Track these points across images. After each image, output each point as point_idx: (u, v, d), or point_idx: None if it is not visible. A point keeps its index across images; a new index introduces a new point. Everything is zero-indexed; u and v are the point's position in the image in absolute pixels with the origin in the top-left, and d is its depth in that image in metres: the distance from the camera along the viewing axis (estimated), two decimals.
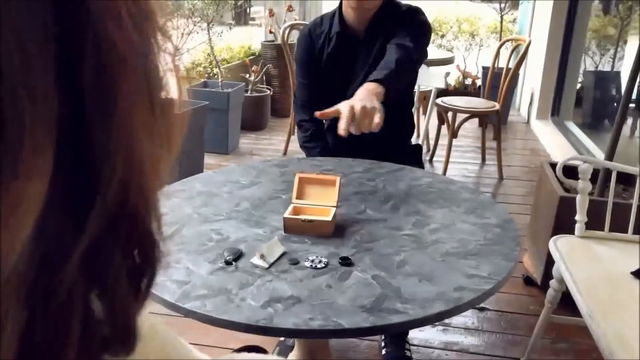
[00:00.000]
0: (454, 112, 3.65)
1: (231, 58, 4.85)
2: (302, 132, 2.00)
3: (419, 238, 1.20)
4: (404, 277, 1.05)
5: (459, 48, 5.76)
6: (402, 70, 1.68)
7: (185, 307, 0.95)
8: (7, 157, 0.18)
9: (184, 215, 1.30)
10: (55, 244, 0.21)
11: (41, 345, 0.21)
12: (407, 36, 1.78)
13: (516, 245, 1.18)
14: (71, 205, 0.21)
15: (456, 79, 5.70)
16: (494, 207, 1.37)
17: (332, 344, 2.04)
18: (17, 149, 0.18)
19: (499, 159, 3.73)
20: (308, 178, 1.30)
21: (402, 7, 1.93)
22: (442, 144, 3.96)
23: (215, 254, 1.12)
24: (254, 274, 1.05)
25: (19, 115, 0.18)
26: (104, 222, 0.22)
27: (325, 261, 1.09)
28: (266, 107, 4.64)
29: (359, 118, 1.33)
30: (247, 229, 1.23)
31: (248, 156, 4.05)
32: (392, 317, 0.93)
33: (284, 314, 0.93)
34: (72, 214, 0.21)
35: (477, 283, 1.03)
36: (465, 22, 5.86)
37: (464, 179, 3.75)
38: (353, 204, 1.38)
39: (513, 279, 2.53)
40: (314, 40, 1.97)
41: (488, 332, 2.17)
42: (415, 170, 1.65)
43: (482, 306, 2.32)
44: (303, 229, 1.20)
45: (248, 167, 1.63)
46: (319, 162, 1.70)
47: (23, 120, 0.18)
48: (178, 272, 1.05)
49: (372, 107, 1.36)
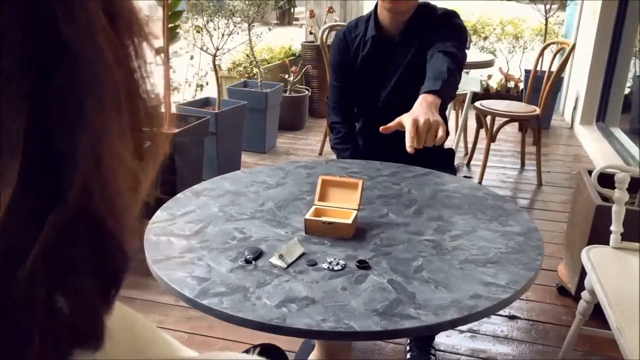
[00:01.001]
0: (492, 115, 3.59)
1: (271, 58, 4.91)
2: (333, 134, 2.02)
3: (439, 244, 1.20)
4: (420, 283, 1.05)
5: (502, 50, 5.66)
6: (453, 79, 1.68)
7: (202, 304, 0.98)
8: None
9: (210, 213, 1.34)
10: (15, 242, 0.23)
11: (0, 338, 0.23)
12: (449, 41, 1.77)
13: (538, 254, 1.16)
14: (33, 206, 0.23)
15: (498, 81, 5.60)
16: (519, 215, 1.35)
17: (357, 346, 2.05)
18: None
19: (538, 164, 3.65)
20: (331, 180, 1.31)
21: (437, 11, 1.91)
22: (480, 148, 3.90)
23: (236, 252, 1.15)
24: (272, 274, 1.07)
25: None
26: (63, 224, 0.24)
27: (342, 263, 1.10)
28: (304, 108, 4.68)
29: (422, 132, 1.33)
30: (270, 229, 1.26)
31: (284, 155, 4.09)
32: (404, 322, 0.93)
33: (297, 315, 0.94)
34: (33, 215, 0.23)
35: (493, 292, 1.02)
36: (509, 25, 5.75)
37: (501, 184, 3.68)
38: (376, 207, 1.38)
39: (547, 288, 2.48)
40: (349, 44, 1.98)
41: (517, 341, 2.13)
42: (443, 175, 1.64)
43: (513, 314, 2.28)
44: (323, 230, 1.21)
45: (276, 168, 1.66)
46: (347, 164, 1.71)
47: None
48: (199, 269, 1.08)
49: (434, 121, 1.36)
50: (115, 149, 0.27)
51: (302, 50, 5.10)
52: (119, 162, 0.27)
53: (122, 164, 0.28)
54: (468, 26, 5.66)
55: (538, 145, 3.65)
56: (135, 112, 0.30)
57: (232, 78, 4.39)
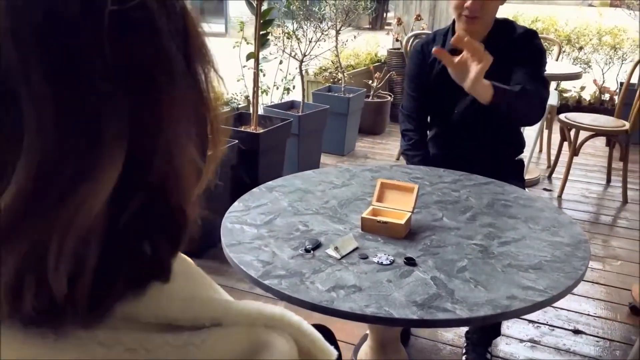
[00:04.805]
0: (576, 129, 3.51)
1: (357, 64, 5.05)
2: (405, 140, 2.12)
3: (486, 248, 1.28)
4: (461, 282, 1.14)
5: (597, 62, 5.44)
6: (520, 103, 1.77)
7: (264, 283, 1.13)
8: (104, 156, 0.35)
9: (280, 207, 1.49)
10: (116, 206, 0.38)
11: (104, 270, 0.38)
12: (529, 69, 1.83)
13: (582, 265, 1.21)
14: (129, 186, 0.38)
15: (592, 93, 5.39)
16: (571, 227, 1.39)
17: (415, 345, 2.14)
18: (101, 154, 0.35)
19: (624, 181, 3.52)
20: (389, 184, 1.43)
21: (517, 30, 1.95)
22: (563, 161, 3.82)
23: (298, 242, 1.30)
24: (327, 263, 1.21)
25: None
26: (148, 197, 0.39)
27: (391, 259, 1.22)
28: (385, 113, 4.78)
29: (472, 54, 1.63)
30: (330, 224, 1.39)
31: (362, 159, 4.22)
32: (438, 314, 1.03)
33: (344, 299, 1.07)
34: (129, 191, 0.38)
35: (530, 295, 1.10)
36: (607, 34, 5.51)
37: (582, 199, 3.59)
38: (431, 211, 1.48)
39: (619, 307, 2.43)
40: (426, 56, 2.06)
41: (580, 355, 2.12)
42: (504, 185, 1.70)
43: (578, 329, 2.26)
44: (378, 229, 1.33)
45: (343, 170, 1.79)
46: (410, 170, 1.81)
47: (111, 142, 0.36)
48: (265, 254, 1.24)
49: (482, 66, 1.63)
50: (184, 150, 0.41)
51: (387, 57, 5.20)
52: (187, 159, 0.42)
53: (189, 161, 0.42)
54: (561, 36, 5.51)
55: (625, 161, 3.52)
56: (202, 122, 0.44)
57: (317, 82, 4.58)
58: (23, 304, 0.36)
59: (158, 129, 0.39)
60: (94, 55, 0.35)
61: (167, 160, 0.40)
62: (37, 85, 0.33)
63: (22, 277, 0.35)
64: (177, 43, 0.40)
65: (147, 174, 0.39)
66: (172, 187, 0.41)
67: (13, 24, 0.33)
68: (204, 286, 0.48)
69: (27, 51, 0.33)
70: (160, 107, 0.39)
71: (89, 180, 0.35)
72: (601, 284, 2.62)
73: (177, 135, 0.40)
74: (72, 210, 0.35)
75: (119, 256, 0.39)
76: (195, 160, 0.43)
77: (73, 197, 0.35)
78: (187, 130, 0.42)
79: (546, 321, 2.32)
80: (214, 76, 0.44)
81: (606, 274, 2.70)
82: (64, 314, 0.37)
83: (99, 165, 0.36)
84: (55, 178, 0.35)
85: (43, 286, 0.36)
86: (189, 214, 0.43)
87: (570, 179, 3.65)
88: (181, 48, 0.40)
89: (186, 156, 0.42)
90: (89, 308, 0.38)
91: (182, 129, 0.41)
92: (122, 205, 0.38)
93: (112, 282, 0.39)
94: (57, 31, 0.34)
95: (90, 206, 0.36)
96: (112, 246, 0.38)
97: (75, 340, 0.38)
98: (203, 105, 0.44)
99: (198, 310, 0.43)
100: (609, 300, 2.50)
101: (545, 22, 5.90)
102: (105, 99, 0.35)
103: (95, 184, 0.36)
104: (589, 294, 2.52)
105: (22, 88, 0.33)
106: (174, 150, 0.40)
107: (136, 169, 0.38)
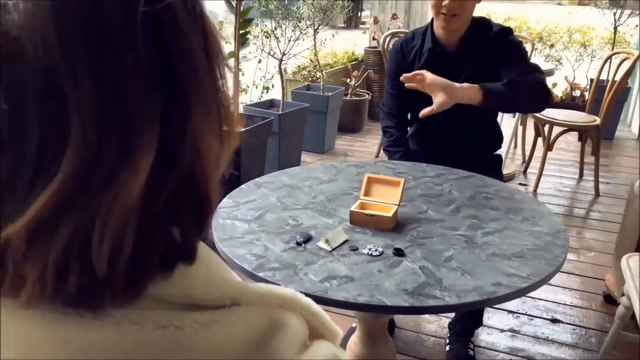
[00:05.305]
0: (550, 124, 3.61)
1: (335, 63, 5.10)
2: (386, 137, 2.16)
3: (470, 239, 1.33)
4: (448, 270, 1.19)
5: (568, 59, 5.58)
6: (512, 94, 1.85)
7: (259, 276, 1.16)
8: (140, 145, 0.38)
9: (269, 202, 1.52)
10: (150, 193, 0.40)
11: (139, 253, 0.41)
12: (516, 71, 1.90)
13: (562, 252, 1.27)
14: (162, 174, 0.41)
15: (564, 90, 5.53)
16: (550, 217, 1.45)
17: (400, 337, 2.19)
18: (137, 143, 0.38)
19: (596, 175, 3.63)
20: (376, 178, 1.47)
21: (493, 28, 2.01)
22: (538, 157, 3.92)
23: (289, 236, 1.33)
24: (318, 255, 1.24)
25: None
26: (177, 184, 0.41)
27: (380, 250, 1.26)
28: (364, 111, 4.83)
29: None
30: (319, 218, 1.43)
31: (342, 156, 4.26)
32: (429, 301, 1.08)
33: (337, 289, 1.11)
34: (162, 178, 0.41)
35: (514, 281, 1.15)
36: (577, 32, 5.66)
37: (557, 193, 3.70)
38: (417, 205, 1.52)
39: (593, 296, 2.52)
40: (405, 55, 2.11)
41: (558, 343, 2.20)
42: (485, 179, 1.75)
43: (555, 318, 2.34)
44: (366, 221, 1.37)
45: (329, 166, 1.83)
46: (394, 165, 1.86)
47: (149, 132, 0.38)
48: (257, 248, 1.27)
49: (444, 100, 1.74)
50: (207, 139, 0.44)
51: (364, 55, 5.25)
52: (209, 148, 0.45)
53: (211, 149, 0.45)
54: (533, 34, 5.63)
55: (597, 156, 3.63)
56: (219, 115, 0.47)
57: (296, 81, 4.61)
58: (67, 284, 0.38)
59: (185, 120, 0.42)
60: (130, 53, 0.37)
61: (194, 149, 0.43)
62: (82, 83, 0.36)
63: (68, 258, 0.38)
64: (199, 41, 0.43)
65: (177, 162, 0.41)
66: (200, 175, 0.44)
67: (59, 29, 0.36)
68: (222, 269, 0.51)
69: (73, 54, 0.36)
70: (187, 98, 0.42)
71: (127, 168, 0.38)
72: (576, 274, 2.71)
73: (202, 125, 0.43)
74: (113, 196, 0.38)
75: (152, 240, 0.42)
76: (216, 149, 0.46)
77: (114, 183, 0.38)
78: (209, 121, 0.45)
79: (525, 311, 2.39)
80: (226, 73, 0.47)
81: (581, 264, 2.80)
82: (103, 293, 0.40)
83: (135, 154, 0.38)
84: (98, 166, 0.37)
85: (86, 267, 0.38)
86: (212, 196, 0.46)
87: (544, 173, 3.75)
88: (202, 45, 0.43)
89: (209, 145, 0.45)
90: (125, 288, 0.41)
91: (205, 119, 0.44)
92: (156, 193, 0.41)
93: (146, 264, 0.42)
94: (99, 32, 0.36)
95: (129, 192, 0.38)
96: (146, 231, 0.41)
97: (110, 319, 0.41)
98: (220, 98, 0.47)
99: (220, 290, 0.46)
100: (584, 290, 2.59)
101: (517, 20, 6.03)
102: (140, 93, 0.38)
103: (133, 172, 0.38)
104: (565, 284, 2.61)
105: (69, 88, 0.36)
106: (200, 140, 0.43)
107: (167, 158, 0.41)
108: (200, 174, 0.44)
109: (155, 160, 0.40)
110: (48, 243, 0.37)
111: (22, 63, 0.35)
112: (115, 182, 0.38)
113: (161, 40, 0.39)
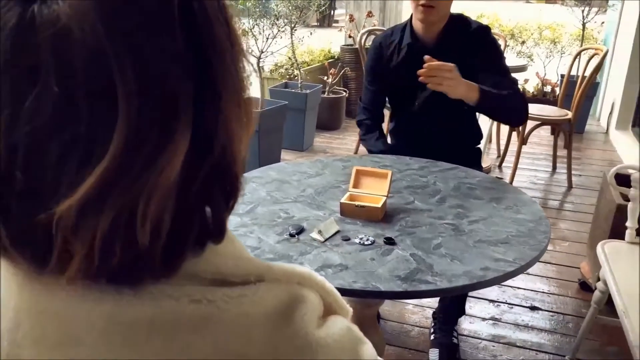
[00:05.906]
0: None
1: (312, 61, 5.13)
2: (362, 129, 2.21)
3: (457, 227, 1.38)
4: (438, 257, 1.23)
5: (539, 55, 5.72)
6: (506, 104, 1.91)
7: None
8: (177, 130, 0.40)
9: (259, 196, 1.54)
10: (187, 173, 0.43)
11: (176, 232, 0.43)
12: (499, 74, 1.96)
13: (545, 238, 1.32)
14: (197, 156, 0.43)
15: (535, 86, 5.67)
16: (532, 205, 1.51)
17: (386, 328, 2.23)
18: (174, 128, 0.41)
19: (569, 167, 3.74)
20: (364, 171, 1.50)
21: (472, 25, 2.06)
22: (512, 151, 4.02)
23: (282, 228, 1.35)
24: (312, 246, 1.27)
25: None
26: (211, 167, 0.44)
27: (372, 239, 1.29)
28: (341, 109, 4.87)
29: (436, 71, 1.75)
30: (310, 211, 1.46)
31: (321, 154, 4.29)
32: (421, 286, 1.12)
33: (333, 277, 1.14)
34: (197, 160, 0.43)
35: (501, 266, 1.19)
36: (547, 29, 5.81)
37: (532, 186, 3.79)
38: (404, 196, 1.56)
39: (569, 284, 2.61)
40: (384, 51, 2.15)
41: (537, 329, 2.27)
42: (467, 170, 1.80)
43: (534, 305, 2.42)
44: (356, 213, 1.40)
45: (315, 161, 1.86)
46: (379, 159, 1.90)
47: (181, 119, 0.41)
48: (251, 240, 1.29)
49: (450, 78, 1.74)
50: (235, 126, 0.47)
51: (341, 53, 5.30)
52: (236, 132, 0.47)
53: (237, 133, 0.48)
54: (505, 31, 5.75)
55: (569, 149, 3.74)
56: (244, 103, 0.50)
57: (274, 79, 4.62)
58: (112, 259, 0.40)
59: (216, 105, 0.44)
60: (168, 39, 0.40)
61: (225, 132, 0.45)
62: (127, 68, 0.38)
63: (114, 235, 0.40)
64: (225, 31, 0.45)
65: (211, 145, 0.44)
66: (229, 157, 0.46)
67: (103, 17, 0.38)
68: (244, 249, 0.53)
69: (119, 40, 0.38)
70: (217, 85, 0.44)
71: (166, 152, 0.41)
72: (553, 263, 2.79)
73: (229, 111, 0.46)
74: (154, 177, 0.40)
75: (189, 219, 0.44)
76: (240, 133, 0.49)
77: (154, 166, 0.40)
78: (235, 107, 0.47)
79: (505, 300, 2.46)
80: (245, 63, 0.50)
81: (557, 254, 2.89)
82: (143, 269, 0.42)
83: (173, 139, 0.41)
84: (140, 151, 0.40)
85: (129, 244, 0.40)
86: (240, 177, 0.49)
87: (519, 167, 3.85)
88: (227, 35, 0.46)
89: (235, 129, 0.47)
90: (163, 264, 0.43)
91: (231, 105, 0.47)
92: (192, 175, 0.43)
93: (183, 242, 0.44)
94: (142, 25, 0.39)
95: (168, 174, 0.41)
96: (183, 210, 0.43)
97: (148, 294, 0.43)
98: (241, 87, 0.50)
99: (247, 268, 0.49)
100: (560, 278, 2.67)
101: (489, 17, 6.15)
102: (177, 80, 0.41)
103: (171, 155, 0.41)
104: (543, 273, 2.69)
105: (116, 73, 0.38)
106: (229, 124, 0.46)
107: (201, 141, 0.43)
108: (230, 156, 0.47)
109: (190, 143, 0.42)
110: (96, 220, 0.39)
111: (72, 49, 0.37)
112: (156, 165, 0.40)
113: (194, 29, 0.42)
